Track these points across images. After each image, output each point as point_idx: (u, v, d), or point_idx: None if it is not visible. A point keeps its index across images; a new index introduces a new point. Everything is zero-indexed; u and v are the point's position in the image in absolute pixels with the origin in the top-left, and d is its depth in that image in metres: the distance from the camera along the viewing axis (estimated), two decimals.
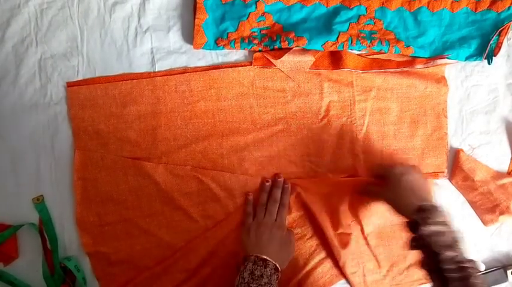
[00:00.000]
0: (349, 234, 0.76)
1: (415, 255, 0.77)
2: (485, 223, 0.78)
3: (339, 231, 0.75)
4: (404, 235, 0.76)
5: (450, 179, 0.79)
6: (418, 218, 0.58)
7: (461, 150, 0.78)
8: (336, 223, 0.75)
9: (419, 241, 0.57)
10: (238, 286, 0.61)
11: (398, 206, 0.64)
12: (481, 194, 0.77)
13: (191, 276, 0.73)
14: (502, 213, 0.76)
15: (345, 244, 0.75)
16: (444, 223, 0.57)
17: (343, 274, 0.75)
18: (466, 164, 0.77)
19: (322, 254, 0.76)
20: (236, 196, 0.74)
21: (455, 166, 0.78)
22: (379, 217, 0.76)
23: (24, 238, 0.72)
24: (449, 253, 0.54)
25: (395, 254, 0.77)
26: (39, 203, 0.71)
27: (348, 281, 0.76)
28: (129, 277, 0.73)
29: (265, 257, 0.64)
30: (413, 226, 0.59)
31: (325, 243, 0.75)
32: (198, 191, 0.73)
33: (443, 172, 0.78)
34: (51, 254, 0.71)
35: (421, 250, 0.58)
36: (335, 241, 0.73)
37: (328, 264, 0.76)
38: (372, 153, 0.77)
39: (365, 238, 0.76)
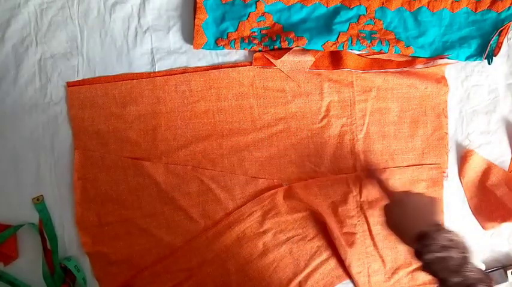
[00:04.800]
0: (354, 233, 0.76)
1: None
2: (485, 227, 0.78)
3: (344, 231, 0.75)
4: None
5: (460, 179, 0.78)
6: (419, 246, 0.53)
7: (474, 151, 0.78)
8: (341, 223, 0.75)
9: (427, 268, 0.54)
10: None
11: (401, 235, 0.60)
12: (488, 200, 0.77)
13: (192, 275, 0.73)
14: (504, 220, 0.76)
15: (350, 244, 0.75)
16: (448, 247, 0.52)
17: (347, 274, 0.76)
18: (480, 167, 0.77)
19: (324, 256, 0.76)
20: (236, 197, 0.74)
21: (468, 168, 0.77)
22: None
23: (24, 238, 0.72)
24: (455, 279, 0.50)
25: (402, 257, 0.77)
26: (39, 203, 0.71)
27: (353, 281, 0.75)
28: (128, 277, 0.73)
29: None
30: (417, 254, 0.54)
31: (329, 243, 0.75)
32: (198, 191, 0.73)
33: (444, 172, 0.78)
34: (51, 254, 0.71)
35: (433, 276, 0.54)
36: (341, 240, 0.73)
37: (329, 266, 0.76)
38: (372, 153, 0.77)
39: (372, 239, 0.76)
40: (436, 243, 0.52)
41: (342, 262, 0.75)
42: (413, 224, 0.57)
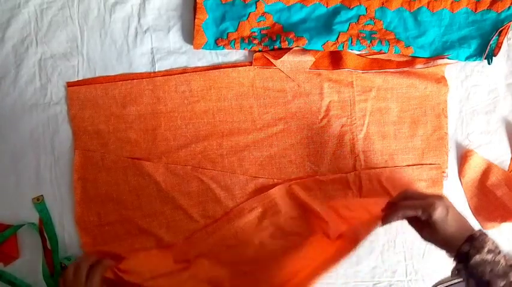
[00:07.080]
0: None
1: None
2: (485, 227, 0.78)
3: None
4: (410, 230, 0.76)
5: (460, 179, 0.78)
6: (471, 247, 0.56)
7: (474, 151, 0.78)
8: (340, 222, 0.75)
9: (468, 270, 0.56)
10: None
11: (443, 242, 0.60)
12: (488, 200, 0.77)
13: (187, 267, 0.72)
14: (504, 220, 0.76)
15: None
16: (494, 251, 0.55)
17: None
18: (479, 167, 0.77)
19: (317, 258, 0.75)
20: (236, 196, 0.74)
21: (467, 168, 0.77)
22: None
23: (24, 238, 0.72)
24: (501, 283, 0.53)
25: None
26: (39, 203, 0.71)
27: None
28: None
29: None
30: (463, 256, 0.56)
31: (324, 246, 0.75)
32: (199, 191, 0.73)
33: (443, 172, 0.78)
34: (51, 254, 0.71)
35: (468, 279, 0.56)
36: (350, 231, 0.71)
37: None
38: (372, 153, 0.77)
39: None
40: (485, 246, 0.55)
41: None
42: (457, 230, 0.59)
